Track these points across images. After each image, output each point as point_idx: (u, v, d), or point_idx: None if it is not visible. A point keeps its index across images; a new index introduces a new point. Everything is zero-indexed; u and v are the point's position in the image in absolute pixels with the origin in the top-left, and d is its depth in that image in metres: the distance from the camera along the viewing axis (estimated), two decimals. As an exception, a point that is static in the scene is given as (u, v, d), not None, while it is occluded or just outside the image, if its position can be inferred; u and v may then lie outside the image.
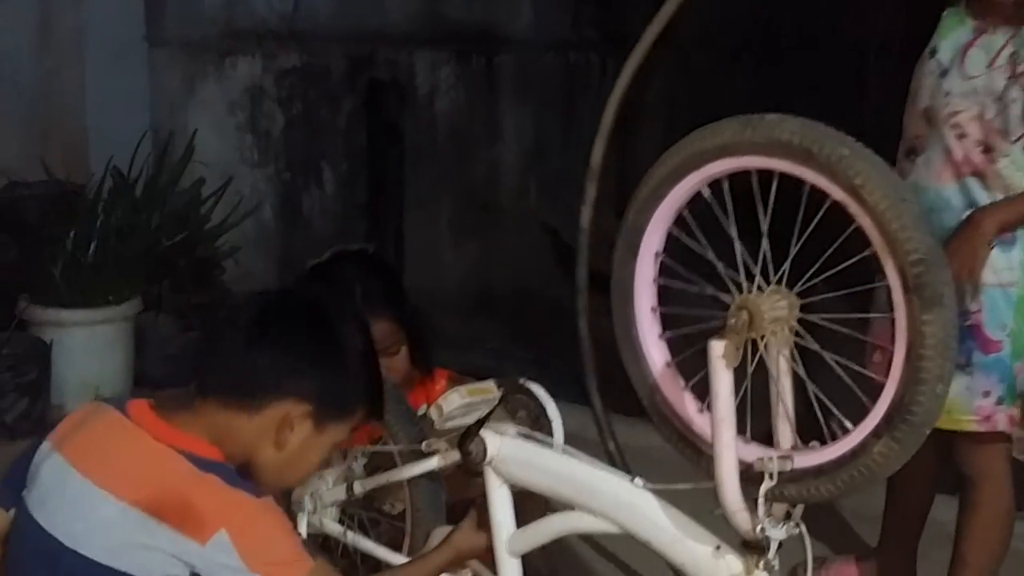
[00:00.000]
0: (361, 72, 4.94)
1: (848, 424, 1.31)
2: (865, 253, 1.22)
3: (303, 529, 1.92)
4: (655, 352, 1.48)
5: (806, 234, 1.29)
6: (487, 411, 1.69)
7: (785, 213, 1.29)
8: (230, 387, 1.43)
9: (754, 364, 1.31)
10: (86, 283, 3.44)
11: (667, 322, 1.49)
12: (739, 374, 1.31)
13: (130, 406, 1.45)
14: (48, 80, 4.04)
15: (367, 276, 2.15)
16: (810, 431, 1.36)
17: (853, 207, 1.20)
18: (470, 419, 1.70)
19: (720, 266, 1.31)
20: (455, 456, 1.73)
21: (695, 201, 1.39)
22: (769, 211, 1.27)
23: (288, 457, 1.47)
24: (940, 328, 1.18)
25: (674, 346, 1.49)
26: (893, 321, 1.21)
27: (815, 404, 1.34)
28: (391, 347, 2.11)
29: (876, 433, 1.26)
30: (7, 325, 3.37)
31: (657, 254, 1.44)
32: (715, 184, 1.35)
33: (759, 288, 1.29)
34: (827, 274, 1.30)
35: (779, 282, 1.29)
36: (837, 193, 1.21)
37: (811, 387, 1.33)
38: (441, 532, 1.82)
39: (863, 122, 1.28)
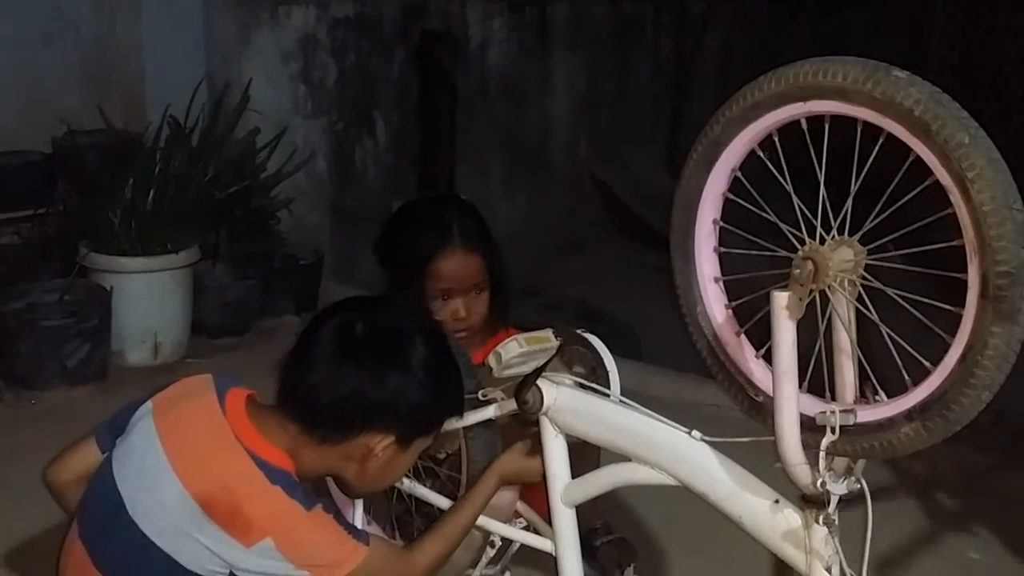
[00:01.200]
0: (414, 22, 4.92)
1: (883, 395, 1.29)
2: (955, 243, 1.17)
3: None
4: (707, 265, 1.46)
5: (893, 195, 1.24)
6: (545, 360, 1.69)
7: (854, 163, 1.26)
8: (312, 422, 1.47)
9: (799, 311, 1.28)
10: (145, 231, 3.48)
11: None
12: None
13: (229, 395, 1.50)
14: (106, 29, 4.07)
15: (464, 216, 2.18)
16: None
17: (956, 196, 1.16)
18: (527, 368, 1.70)
19: (797, 203, 1.27)
20: (511, 405, 1.74)
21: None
22: (867, 167, 1.23)
23: (374, 474, 1.53)
24: (1005, 343, 1.15)
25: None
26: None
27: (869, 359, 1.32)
28: (478, 284, 2.13)
29: (908, 415, 1.24)
30: (69, 271, 3.43)
31: (733, 169, 1.40)
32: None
33: (831, 238, 1.27)
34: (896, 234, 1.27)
35: (848, 234, 1.26)
36: (943, 177, 1.16)
37: (856, 351, 1.31)
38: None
39: (925, 77, 1.22)
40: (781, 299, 1.26)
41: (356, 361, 1.47)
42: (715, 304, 1.46)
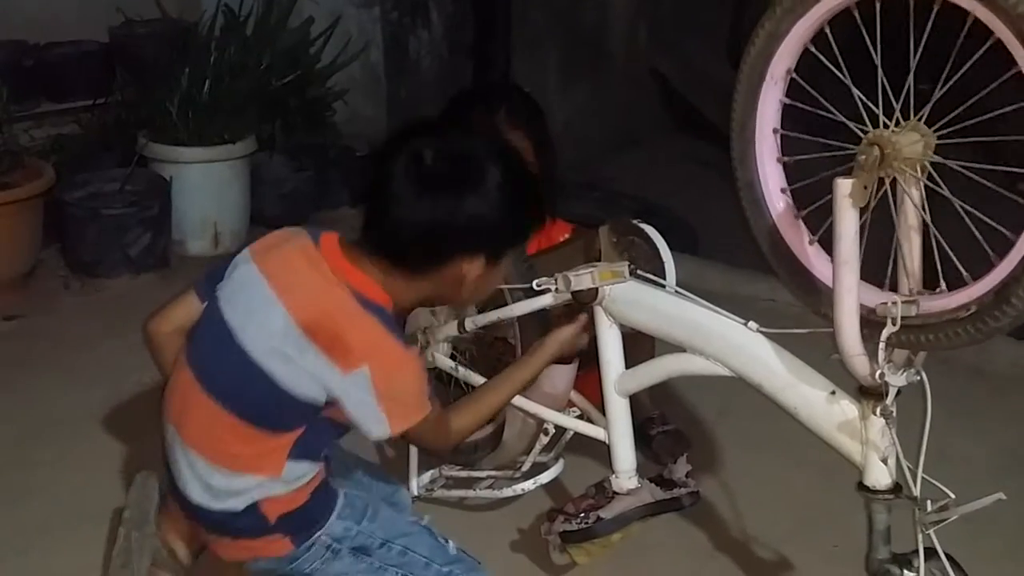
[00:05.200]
0: (470, -93, 4.78)
1: (967, 277, 1.26)
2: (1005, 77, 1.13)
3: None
4: (771, 174, 1.43)
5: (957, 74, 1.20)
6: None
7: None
8: (401, 256, 1.50)
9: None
10: (201, 121, 3.48)
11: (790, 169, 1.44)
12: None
13: (323, 238, 1.56)
14: (159, -85, 4.01)
15: (516, 97, 2.24)
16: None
17: (983, 13, 1.11)
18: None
19: (857, 94, 1.24)
20: (566, 296, 1.74)
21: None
22: (921, 45, 1.19)
23: (470, 292, 1.57)
24: None
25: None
26: None
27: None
28: None
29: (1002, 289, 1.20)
30: (129, 161, 3.46)
31: (788, 71, 1.38)
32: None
33: (895, 125, 1.23)
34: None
35: (916, 118, 1.22)
36: (967, 2, 1.13)
37: (932, 234, 1.28)
38: (549, 371, 1.84)
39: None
40: (844, 187, 1.23)
41: (432, 191, 1.47)
42: (790, 224, 1.43)
